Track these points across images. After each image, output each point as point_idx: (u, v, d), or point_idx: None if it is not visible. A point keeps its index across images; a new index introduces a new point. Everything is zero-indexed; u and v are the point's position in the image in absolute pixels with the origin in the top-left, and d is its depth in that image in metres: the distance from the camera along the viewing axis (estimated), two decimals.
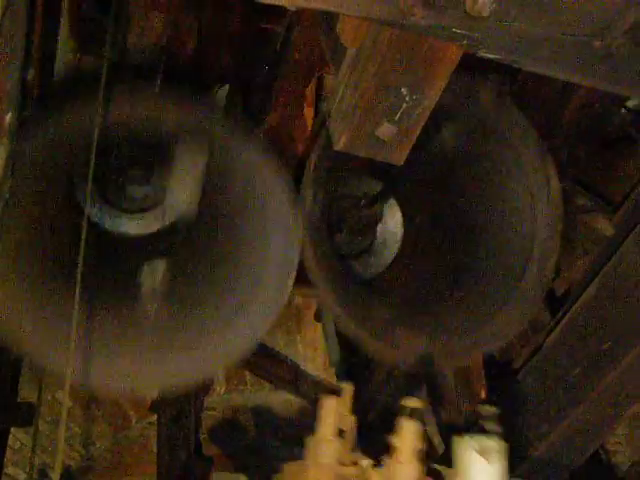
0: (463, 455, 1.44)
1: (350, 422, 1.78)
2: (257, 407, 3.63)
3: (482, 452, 1.42)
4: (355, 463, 1.69)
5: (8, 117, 1.50)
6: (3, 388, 3.07)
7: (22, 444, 3.80)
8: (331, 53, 1.79)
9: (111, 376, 2.21)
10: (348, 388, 1.80)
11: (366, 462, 1.66)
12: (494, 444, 1.45)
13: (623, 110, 2.52)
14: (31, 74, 1.84)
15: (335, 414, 1.75)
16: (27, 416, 3.22)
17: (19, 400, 3.24)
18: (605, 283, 1.88)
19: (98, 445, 4.32)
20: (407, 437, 1.58)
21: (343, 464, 1.70)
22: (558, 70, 1.47)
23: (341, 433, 1.76)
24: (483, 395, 2.85)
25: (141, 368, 2.23)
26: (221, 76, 2.74)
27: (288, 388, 3.48)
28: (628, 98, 2.35)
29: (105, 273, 2.45)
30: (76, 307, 1.69)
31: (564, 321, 1.99)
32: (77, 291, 1.68)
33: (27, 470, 3.25)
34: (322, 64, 2.13)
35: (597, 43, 1.40)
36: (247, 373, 3.83)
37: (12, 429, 3.37)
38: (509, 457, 2.06)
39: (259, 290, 2.25)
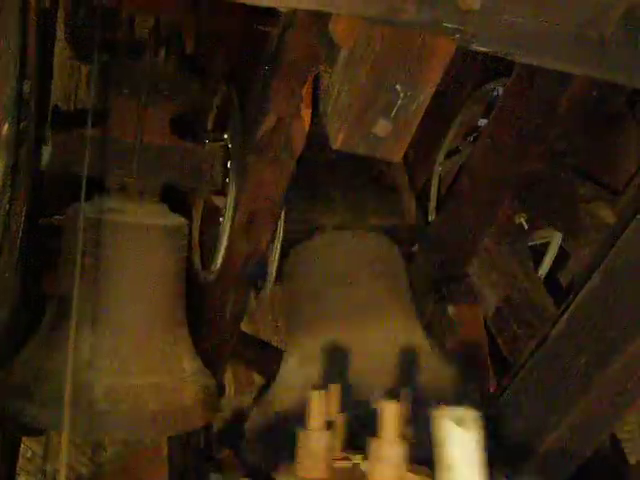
0: (440, 425, 1.44)
1: (340, 418, 1.80)
2: None
3: (458, 422, 1.42)
4: (346, 458, 1.72)
5: (5, 128, 1.51)
6: None
7: (34, 453, 3.82)
8: (325, 53, 1.79)
9: None
10: (335, 387, 1.82)
11: (358, 457, 1.68)
12: (470, 414, 1.44)
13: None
14: (27, 85, 1.84)
15: (322, 407, 1.76)
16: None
17: None
18: (609, 271, 1.88)
19: (109, 450, 4.34)
20: (389, 418, 1.61)
21: (335, 458, 1.72)
22: (552, 61, 1.47)
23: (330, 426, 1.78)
24: (491, 389, 2.85)
25: None
26: (218, 78, 2.75)
27: None
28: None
29: None
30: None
31: (569, 311, 1.99)
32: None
33: (39, 478, 3.27)
34: (317, 64, 2.13)
35: (590, 32, 1.40)
36: (255, 375, 3.84)
37: (23, 438, 3.38)
38: (520, 451, 2.07)
39: None
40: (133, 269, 2.63)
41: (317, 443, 1.71)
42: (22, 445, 3.38)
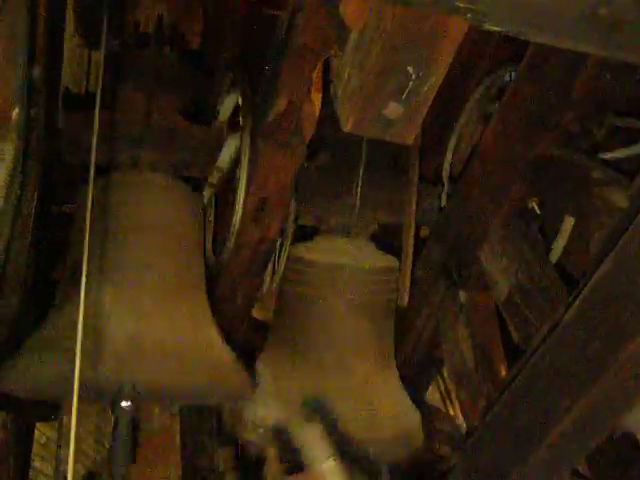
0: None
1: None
2: None
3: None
4: None
5: (15, 113, 1.51)
6: None
7: (48, 438, 3.85)
8: (335, 35, 1.78)
9: None
10: None
11: None
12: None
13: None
14: (37, 70, 1.84)
15: None
16: (52, 411, 3.25)
17: None
18: (622, 256, 1.86)
19: None
20: None
21: None
22: (565, 40, 1.45)
23: None
24: (504, 374, 2.84)
25: None
26: (227, 63, 2.74)
27: None
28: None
29: None
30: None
31: (581, 296, 1.97)
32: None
33: (54, 464, 3.29)
34: (328, 47, 2.12)
35: (604, 11, 1.38)
36: None
37: (38, 424, 3.40)
38: (532, 435, 2.06)
39: None
40: (152, 224, 2.64)
41: None
42: (37, 431, 3.41)
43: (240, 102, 2.62)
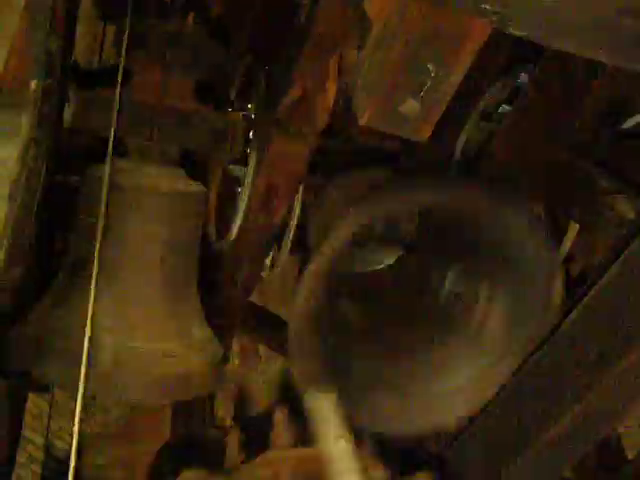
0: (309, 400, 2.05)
1: None
2: (270, 380, 3.66)
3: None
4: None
5: (33, 84, 1.51)
6: None
7: (40, 410, 3.86)
8: (357, 27, 1.78)
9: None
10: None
11: None
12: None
13: None
14: (54, 43, 1.83)
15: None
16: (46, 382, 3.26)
17: None
18: (627, 266, 1.87)
19: (114, 413, 4.39)
20: None
21: None
22: (587, 49, 1.44)
23: None
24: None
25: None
26: (245, 47, 2.73)
27: None
28: None
29: None
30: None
31: (582, 303, 1.98)
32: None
33: (45, 435, 3.31)
34: (346, 38, 2.11)
35: (628, 21, 1.38)
36: (260, 347, 3.86)
37: (31, 396, 3.42)
38: (526, 437, 2.08)
39: None
40: (146, 234, 2.62)
41: None
42: (29, 402, 3.42)
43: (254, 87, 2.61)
